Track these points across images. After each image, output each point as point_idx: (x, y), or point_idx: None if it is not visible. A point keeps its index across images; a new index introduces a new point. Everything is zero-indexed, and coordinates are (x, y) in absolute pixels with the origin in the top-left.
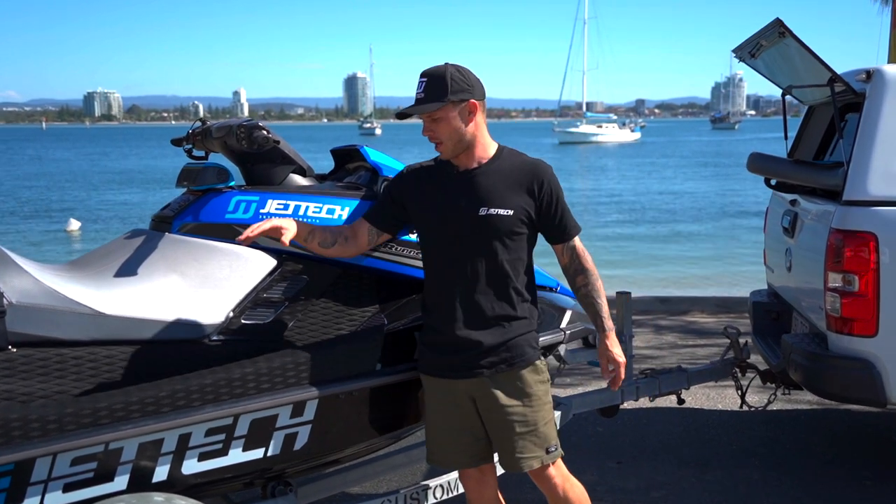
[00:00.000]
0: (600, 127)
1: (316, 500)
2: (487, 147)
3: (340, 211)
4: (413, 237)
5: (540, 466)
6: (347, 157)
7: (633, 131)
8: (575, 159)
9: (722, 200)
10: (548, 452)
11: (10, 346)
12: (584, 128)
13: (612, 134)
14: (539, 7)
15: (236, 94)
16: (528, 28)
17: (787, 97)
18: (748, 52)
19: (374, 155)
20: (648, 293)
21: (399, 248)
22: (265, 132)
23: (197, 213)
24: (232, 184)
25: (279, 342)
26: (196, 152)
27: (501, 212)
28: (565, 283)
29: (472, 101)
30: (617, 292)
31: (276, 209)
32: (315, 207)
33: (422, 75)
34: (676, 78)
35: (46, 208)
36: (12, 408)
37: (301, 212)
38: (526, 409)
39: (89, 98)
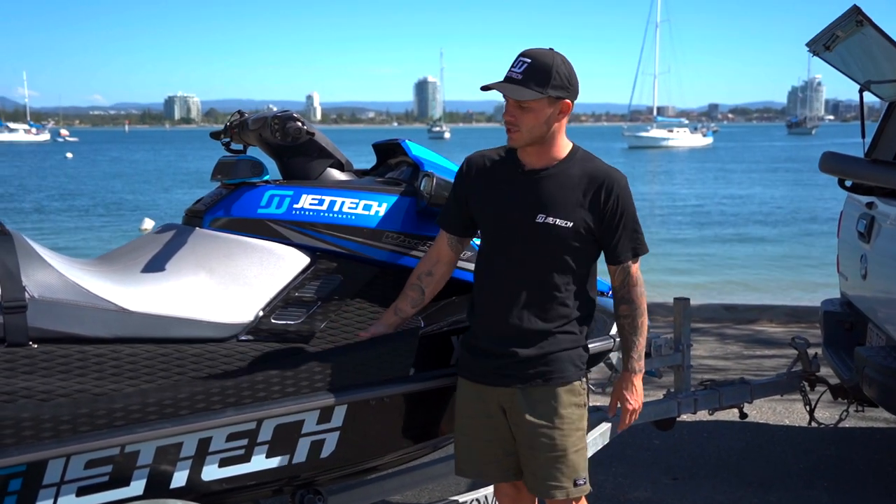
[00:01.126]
0: (671, 131)
1: None
2: (562, 148)
3: (377, 207)
4: None
5: (564, 499)
6: (390, 152)
7: (704, 136)
8: (642, 163)
9: (792, 206)
10: (575, 485)
11: (30, 342)
12: (655, 132)
13: (683, 138)
14: (610, 11)
15: (309, 97)
16: (598, 32)
17: (866, 94)
18: (823, 44)
19: (416, 149)
20: (714, 301)
21: None
22: (299, 124)
23: (229, 208)
24: (266, 178)
25: (310, 343)
26: (234, 146)
27: (560, 222)
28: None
29: (568, 101)
30: (675, 298)
31: (311, 204)
32: (351, 203)
33: (524, 55)
34: (751, 82)
35: (120, 207)
36: (25, 406)
37: (336, 207)
38: (555, 431)
39: (170, 102)
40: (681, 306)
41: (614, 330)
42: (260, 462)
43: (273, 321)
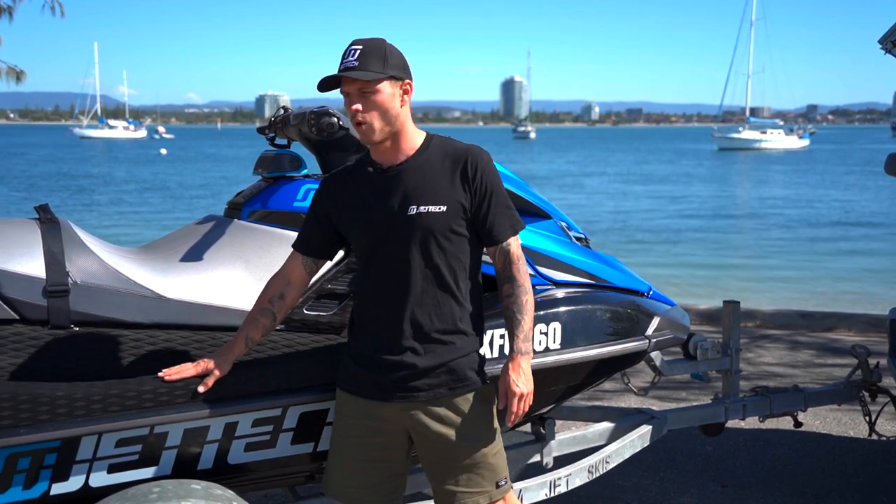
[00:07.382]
0: (764, 133)
1: None
2: (414, 137)
3: None
4: None
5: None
6: None
7: (800, 138)
8: (725, 165)
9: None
10: (497, 487)
11: (72, 325)
12: (747, 133)
13: (778, 140)
14: (702, 9)
15: None
16: (691, 31)
17: None
18: (891, 41)
19: None
20: (789, 307)
21: None
22: (334, 119)
23: (266, 201)
24: (304, 172)
25: (342, 335)
26: (279, 140)
27: (433, 209)
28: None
29: (409, 81)
30: (724, 301)
31: None
32: None
33: (354, 43)
34: (854, 82)
35: (193, 199)
36: (59, 385)
37: None
38: (471, 441)
39: (260, 100)
40: (730, 309)
41: (650, 330)
42: (285, 448)
43: (306, 312)
